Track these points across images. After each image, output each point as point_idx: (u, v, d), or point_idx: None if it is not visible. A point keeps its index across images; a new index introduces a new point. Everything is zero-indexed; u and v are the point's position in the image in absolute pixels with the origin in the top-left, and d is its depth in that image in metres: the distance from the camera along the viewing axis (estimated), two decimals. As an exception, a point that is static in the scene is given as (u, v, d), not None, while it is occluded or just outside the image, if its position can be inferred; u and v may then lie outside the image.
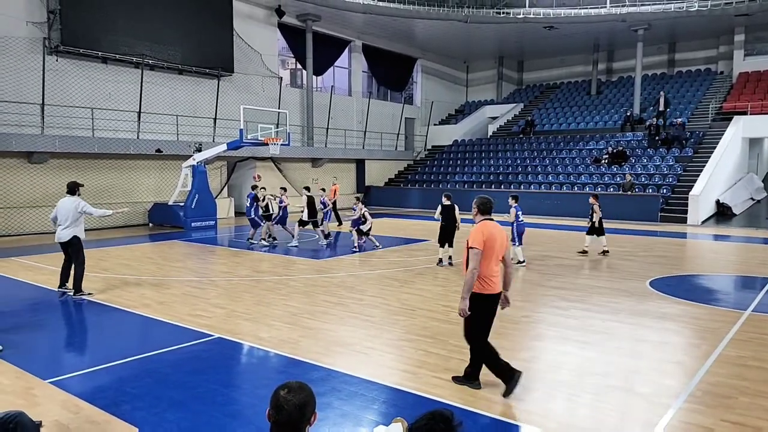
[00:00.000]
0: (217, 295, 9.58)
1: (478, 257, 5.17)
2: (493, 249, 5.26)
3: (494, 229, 5.32)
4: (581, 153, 27.47)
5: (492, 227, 5.33)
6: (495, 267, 5.32)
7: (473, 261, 5.17)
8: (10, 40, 17.41)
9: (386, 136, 32.85)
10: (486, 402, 5.19)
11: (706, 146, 24.60)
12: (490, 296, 5.34)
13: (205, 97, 22.79)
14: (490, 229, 5.29)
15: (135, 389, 5.49)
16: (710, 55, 32.21)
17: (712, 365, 6.15)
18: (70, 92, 18.91)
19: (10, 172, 17.38)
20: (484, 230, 5.26)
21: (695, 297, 9.45)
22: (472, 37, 31.98)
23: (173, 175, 20.87)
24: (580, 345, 6.88)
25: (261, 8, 25.25)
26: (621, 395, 5.36)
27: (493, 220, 5.44)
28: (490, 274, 5.29)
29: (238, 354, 6.75)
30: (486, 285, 5.29)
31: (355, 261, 13.22)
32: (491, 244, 5.24)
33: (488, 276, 5.28)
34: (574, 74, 36.66)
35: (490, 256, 5.25)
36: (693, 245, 16.82)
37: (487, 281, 5.28)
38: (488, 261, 5.25)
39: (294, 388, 2.34)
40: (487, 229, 5.28)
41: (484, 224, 5.36)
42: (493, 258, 5.29)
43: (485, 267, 5.24)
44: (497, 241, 5.29)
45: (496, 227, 5.36)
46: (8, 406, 4.79)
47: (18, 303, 9.09)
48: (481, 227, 5.31)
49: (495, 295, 5.38)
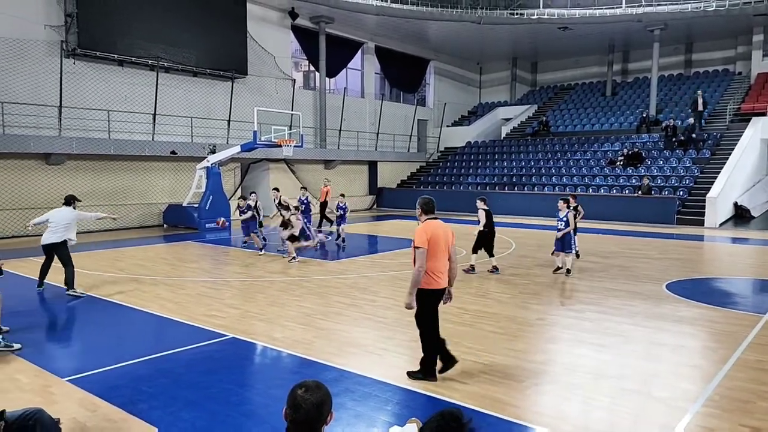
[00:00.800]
0: (231, 295, 9.63)
1: (423, 255, 5.41)
2: (438, 246, 5.50)
3: (438, 228, 5.55)
4: (596, 155, 27.28)
5: (435, 226, 5.57)
6: (440, 264, 5.57)
7: (419, 259, 5.41)
8: (29, 44, 17.65)
9: (399, 137, 32.84)
10: (500, 404, 5.16)
11: (723, 148, 24.31)
12: (435, 291, 5.60)
13: (219, 99, 22.94)
14: (433, 228, 5.52)
15: (151, 388, 5.53)
16: (728, 55, 31.82)
17: (730, 369, 6.07)
18: (87, 95, 19.13)
19: (28, 174, 17.60)
20: (428, 229, 5.50)
21: (712, 300, 9.33)
22: (485, 39, 31.88)
23: (187, 176, 21.02)
24: (595, 348, 6.82)
25: (274, 11, 25.37)
26: (637, 399, 5.31)
27: (437, 219, 5.67)
28: (436, 271, 5.53)
29: (252, 354, 6.78)
30: (432, 281, 5.54)
31: (367, 263, 13.22)
32: (435, 241, 5.48)
33: (434, 272, 5.52)
34: (588, 75, 36.39)
35: (435, 253, 5.49)
36: (710, 248, 16.62)
37: (434, 277, 5.53)
38: (433, 258, 5.49)
39: (311, 387, 2.35)
40: (431, 228, 5.52)
41: (427, 223, 5.58)
42: (438, 255, 5.53)
43: (431, 264, 5.49)
44: (441, 239, 5.53)
45: (439, 226, 5.60)
46: (27, 404, 4.85)
47: (36, 302, 9.20)
48: (425, 227, 5.54)
49: (439, 290, 5.63)
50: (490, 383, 5.66)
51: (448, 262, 5.68)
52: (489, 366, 6.14)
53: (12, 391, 5.44)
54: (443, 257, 5.58)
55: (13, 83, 17.34)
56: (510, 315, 8.32)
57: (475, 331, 7.46)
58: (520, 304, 9.04)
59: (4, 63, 17.17)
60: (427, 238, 5.44)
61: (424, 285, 5.52)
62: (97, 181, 19.27)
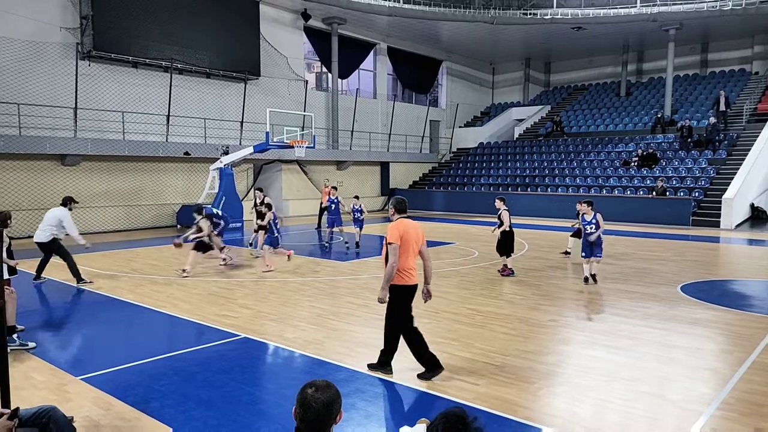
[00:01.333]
0: (243, 295, 9.67)
1: (396, 251, 5.63)
2: (409, 244, 5.73)
3: (409, 227, 5.80)
4: (610, 156, 27.07)
5: (407, 224, 5.80)
6: (412, 261, 5.79)
7: (392, 255, 5.64)
8: (45, 46, 17.88)
9: (411, 138, 32.82)
10: (511, 406, 5.13)
11: (740, 148, 24.03)
12: (407, 287, 5.78)
13: (232, 101, 23.08)
14: (405, 226, 5.76)
15: (163, 387, 5.57)
16: (745, 55, 31.43)
17: (745, 372, 5.98)
18: (102, 96, 19.34)
19: (43, 174, 17.82)
20: (400, 227, 5.73)
21: (728, 302, 9.22)
22: (498, 39, 31.77)
23: (201, 177, 21.16)
24: (608, 350, 6.76)
25: (287, 12, 25.48)
26: (651, 401, 5.25)
27: (409, 218, 5.92)
28: (408, 268, 5.75)
29: (263, 354, 6.81)
30: (404, 277, 5.74)
31: (379, 263, 13.19)
32: (407, 239, 5.71)
33: (406, 269, 5.74)
34: (602, 75, 36.13)
35: (407, 250, 5.72)
36: (726, 250, 16.42)
37: (405, 274, 5.74)
38: (405, 255, 5.71)
39: (321, 386, 2.35)
40: (403, 226, 5.75)
41: (400, 222, 5.81)
42: (410, 252, 5.76)
43: (403, 261, 5.70)
44: (412, 237, 5.76)
45: (411, 224, 5.84)
46: (42, 402, 4.91)
47: (51, 302, 9.30)
48: (397, 225, 5.77)
49: (411, 286, 5.81)
50: (502, 384, 5.63)
51: (423, 261, 5.94)
52: (501, 367, 6.11)
53: (27, 388, 5.50)
54: (414, 255, 5.82)
55: (30, 85, 17.57)
56: (522, 316, 8.28)
57: (487, 333, 7.43)
58: (532, 305, 8.99)
59: (21, 65, 17.41)
60: (399, 235, 5.67)
61: (396, 281, 5.73)
62: (111, 182, 19.47)
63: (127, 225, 19.70)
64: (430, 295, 6.07)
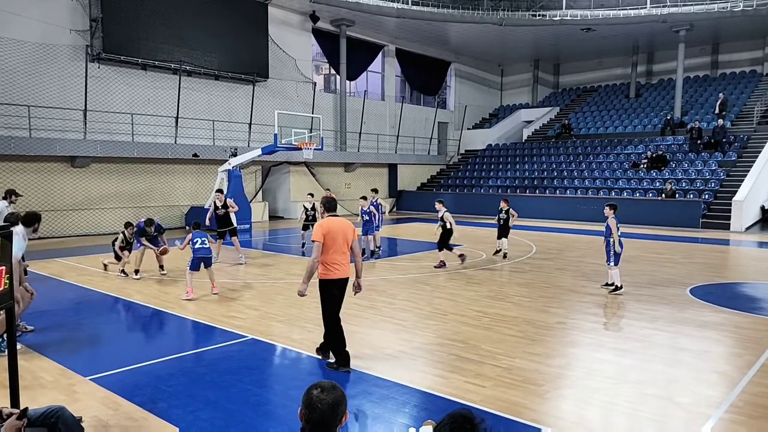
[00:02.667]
0: (251, 297, 9.70)
1: (318, 248, 6.02)
2: (334, 241, 6.06)
3: (335, 224, 6.12)
4: (619, 158, 26.93)
5: (333, 222, 6.14)
6: (337, 256, 6.10)
7: (314, 252, 6.05)
8: (55, 48, 18.03)
9: (419, 140, 32.81)
10: (518, 408, 5.12)
11: (750, 150, 23.84)
12: (332, 281, 6.12)
13: (240, 103, 23.17)
14: (330, 224, 6.10)
15: (171, 388, 5.60)
16: (756, 56, 31.19)
17: (754, 375, 5.94)
18: (111, 98, 19.47)
19: (53, 176, 17.96)
20: (324, 225, 6.09)
21: (737, 305, 9.15)
22: (506, 40, 31.71)
23: (209, 179, 21.25)
24: (616, 352, 6.73)
25: (296, 14, 25.55)
26: (659, 404, 5.22)
27: (337, 216, 6.28)
28: (332, 262, 6.08)
29: (271, 355, 6.83)
30: (329, 271, 6.10)
31: (386, 265, 13.22)
32: (332, 236, 6.04)
33: (330, 264, 6.08)
34: (612, 77, 35.96)
35: (331, 246, 6.05)
36: (736, 252, 16.29)
37: (330, 268, 6.09)
38: (329, 251, 6.05)
39: (327, 387, 2.35)
40: (327, 224, 6.10)
41: (326, 220, 6.19)
42: (335, 248, 6.07)
43: (327, 256, 6.06)
44: (339, 234, 6.08)
45: (337, 222, 6.16)
46: (50, 401, 4.95)
47: (61, 302, 9.37)
48: (323, 223, 6.15)
49: (337, 280, 6.13)
50: (509, 387, 5.61)
51: (353, 256, 6.28)
52: (508, 370, 6.10)
53: (36, 388, 5.55)
54: (341, 250, 6.11)
55: (40, 87, 17.73)
56: (529, 318, 8.25)
57: (494, 335, 7.41)
58: (539, 307, 8.96)
59: (31, 67, 17.56)
60: (323, 233, 6.03)
61: (322, 275, 6.12)
62: (120, 184, 19.59)
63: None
64: (360, 288, 6.41)
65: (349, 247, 6.20)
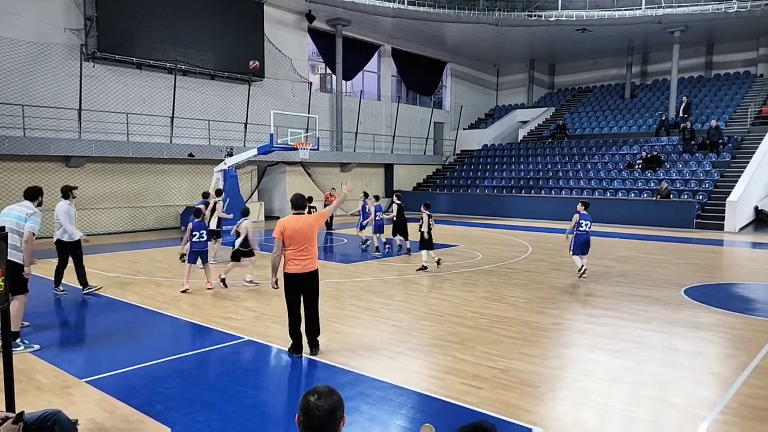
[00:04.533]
0: (247, 297, 9.70)
1: (277, 245, 6.44)
2: (293, 237, 6.37)
3: (293, 222, 6.44)
4: (614, 158, 27.02)
5: (291, 219, 6.46)
6: (296, 252, 6.41)
7: (275, 248, 6.48)
8: (49, 47, 17.95)
9: (415, 140, 32.84)
10: (514, 410, 5.14)
11: (744, 151, 23.96)
12: (291, 275, 6.48)
13: (236, 102, 23.13)
14: (287, 222, 6.43)
15: (167, 390, 5.59)
16: (750, 57, 31.36)
17: (748, 376, 5.98)
18: (106, 97, 19.40)
19: (47, 176, 17.87)
20: (282, 223, 6.43)
21: (731, 306, 9.20)
22: (502, 41, 31.77)
23: (205, 178, 21.19)
24: (611, 353, 6.76)
25: (292, 13, 25.53)
26: (654, 405, 5.25)
27: (301, 214, 6.56)
28: (290, 258, 6.43)
29: (267, 357, 6.82)
30: (287, 266, 6.48)
31: (382, 266, 13.23)
32: (289, 233, 6.36)
33: (289, 259, 6.44)
34: (607, 77, 36.08)
35: (290, 243, 6.38)
36: (730, 253, 16.38)
37: (288, 263, 6.46)
38: (288, 247, 6.40)
39: (323, 393, 2.35)
40: (285, 222, 6.43)
41: (287, 218, 6.53)
42: (294, 244, 6.39)
43: (286, 252, 6.43)
44: (297, 231, 6.38)
45: (297, 220, 6.46)
46: (46, 405, 4.95)
47: (56, 303, 9.34)
48: (282, 220, 6.49)
49: (296, 274, 6.45)
50: (505, 388, 5.63)
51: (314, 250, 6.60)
52: (504, 371, 6.12)
53: (31, 391, 5.53)
54: (300, 246, 6.39)
55: (34, 86, 17.65)
56: (526, 319, 8.28)
57: (491, 336, 7.44)
58: (535, 308, 8.99)
59: (25, 66, 17.49)
60: (280, 230, 6.39)
61: (284, 269, 6.50)
62: (115, 184, 19.53)
63: (131, 227, 19.76)
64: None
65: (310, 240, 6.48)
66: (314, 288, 6.63)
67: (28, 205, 7.23)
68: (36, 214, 7.12)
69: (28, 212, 7.02)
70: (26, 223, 6.92)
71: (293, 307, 6.58)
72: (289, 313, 6.60)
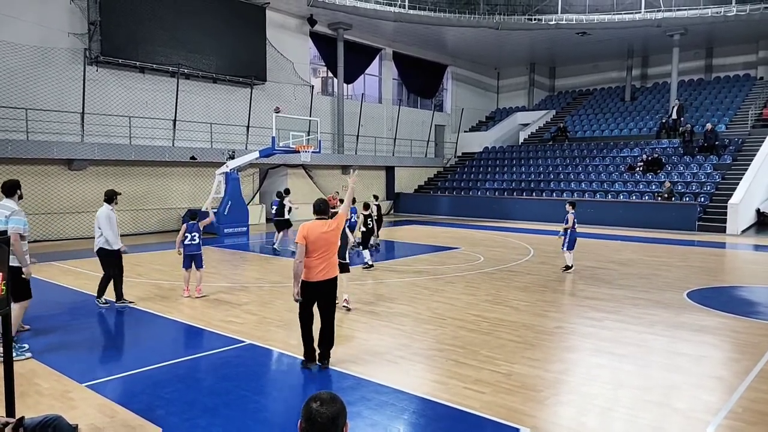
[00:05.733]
0: (248, 301, 9.68)
1: (301, 251, 6.01)
2: (315, 244, 6.01)
3: (313, 227, 6.06)
4: (615, 160, 27.01)
5: (316, 225, 6.08)
6: (317, 260, 6.06)
7: (297, 254, 6.03)
8: (53, 51, 17.99)
9: (416, 143, 32.86)
10: (517, 414, 5.11)
11: (745, 154, 23.94)
12: (310, 284, 6.10)
13: (238, 106, 23.16)
14: (310, 227, 6.06)
15: (168, 394, 5.57)
16: (749, 60, 31.36)
17: (753, 381, 5.95)
18: (109, 101, 19.44)
19: (50, 179, 17.91)
20: (304, 228, 6.07)
21: (735, 309, 9.16)
22: (503, 44, 31.80)
23: (207, 181, 21.22)
24: (614, 357, 6.73)
25: (293, 18, 25.57)
26: (657, 410, 5.22)
27: (323, 219, 6.17)
28: (312, 265, 6.06)
29: (268, 361, 6.80)
30: (308, 274, 6.08)
31: (385, 269, 13.21)
32: (313, 239, 6.00)
33: (311, 266, 6.07)
34: (607, 80, 36.10)
35: (312, 250, 6.02)
36: (732, 255, 16.34)
37: (309, 271, 6.07)
38: (310, 254, 6.03)
39: (326, 399, 2.32)
40: (307, 227, 6.06)
41: (310, 223, 6.14)
42: (315, 252, 6.03)
43: (306, 259, 6.04)
44: (321, 237, 6.04)
45: (322, 225, 6.09)
46: (46, 409, 4.93)
47: (57, 307, 9.33)
48: (304, 225, 6.13)
49: (315, 283, 6.09)
50: (508, 393, 5.61)
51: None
52: (507, 375, 6.09)
53: (32, 395, 5.51)
54: (324, 252, 6.07)
55: (37, 90, 17.69)
56: (528, 323, 8.25)
57: (493, 340, 7.41)
58: (538, 312, 8.97)
59: (29, 70, 17.52)
60: (303, 235, 6.01)
61: (304, 277, 6.10)
62: (118, 186, 19.22)
63: (133, 229, 19.75)
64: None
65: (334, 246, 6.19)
66: (333, 296, 6.30)
67: (6, 205, 6.64)
68: (17, 212, 6.56)
69: (6, 213, 6.50)
70: (9, 224, 6.38)
71: (309, 318, 6.27)
72: (304, 325, 6.28)
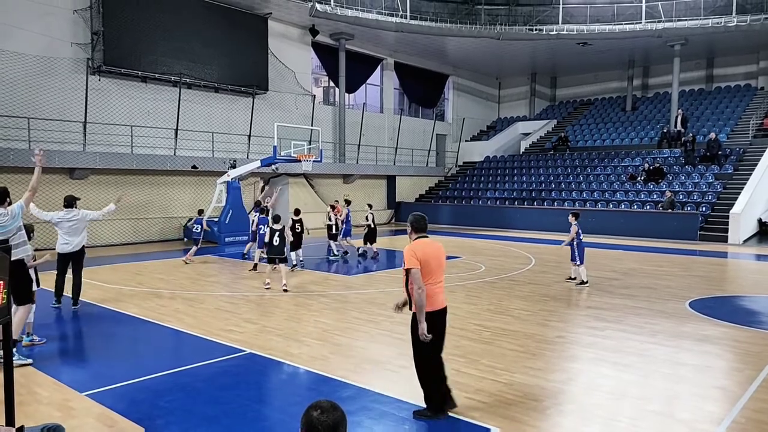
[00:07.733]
0: (248, 310, 9.66)
1: (420, 277, 5.00)
2: (429, 265, 5.08)
3: (428, 247, 5.15)
4: (616, 170, 27.02)
5: (427, 245, 5.16)
6: (435, 284, 5.15)
7: (416, 281, 4.97)
8: (56, 61, 18.08)
9: (417, 152, 32.91)
10: (519, 425, 5.08)
11: (746, 163, 23.95)
12: (434, 313, 5.14)
13: (240, 115, 23.24)
14: (423, 247, 5.12)
15: (168, 403, 5.54)
16: (750, 70, 31.44)
17: (756, 391, 5.91)
18: (111, 110, 19.51)
19: (52, 188, 17.91)
20: (417, 250, 5.07)
21: (737, 319, 9.13)
22: (504, 54, 31.92)
23: (208, 190, 21.25)
24: (616, 367, 6.70)
25: (295, 27, 25.70)
26: (660, 420, 5.19)
27: (428, 237, 5.27)
28: (432, 292, 5.12)
29: (269, 370, 6.77)
30: (430, 302, 5.10)
31: (385, 277, 13.19)
32: (426, 260, 5.07)
33: (431, 294, 5.11)
34: (608, 90, 36.18)
35: (427, 273, 5.07)
36: (734, 265, 16.30)
37: (430, 298, 5.09)
38: (426, 278, 5.07)
39: (326, 408, 2.31)
40: (421, 246, 5.11)
41: (418, 242, 5.17)
42: (432, 274, 5.11)
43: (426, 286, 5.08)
44: (433, 258, 5.13)
45: (430, 244, 5.20)
46: (46, 418, 4.91)
47: (56, 315, 9.31)
48: (414, 245, 5.13)
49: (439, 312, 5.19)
50: (509, 403, 5.58)
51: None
52: (508, 385, 6.06)
53: (31, 404, 5.49)
54: (439, 276, 5.22)
55: (40, 99, 17.76)
56: (530, 332, 8.22)
57: (495, 349, 7.38)
58: (540, 321, 8.94)
59: (32, 80, 17.60)
60: (418, 258, 5.02)
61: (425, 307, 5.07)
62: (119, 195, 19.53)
63: (134, 238, 19.76)
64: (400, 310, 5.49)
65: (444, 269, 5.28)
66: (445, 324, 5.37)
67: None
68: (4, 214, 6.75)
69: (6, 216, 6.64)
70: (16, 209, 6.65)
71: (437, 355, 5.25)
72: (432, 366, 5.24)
